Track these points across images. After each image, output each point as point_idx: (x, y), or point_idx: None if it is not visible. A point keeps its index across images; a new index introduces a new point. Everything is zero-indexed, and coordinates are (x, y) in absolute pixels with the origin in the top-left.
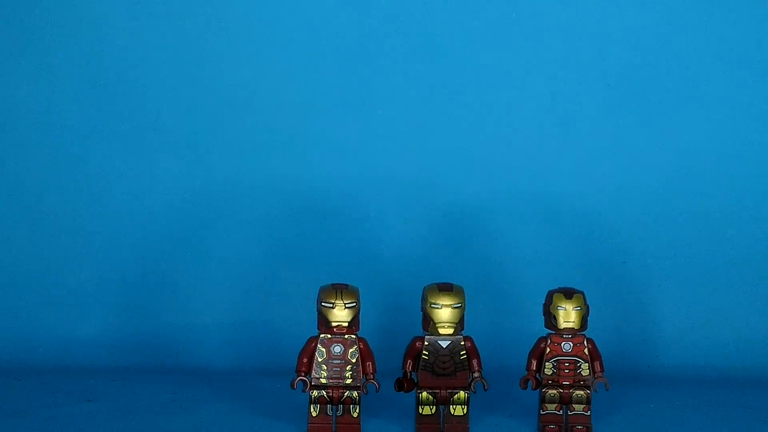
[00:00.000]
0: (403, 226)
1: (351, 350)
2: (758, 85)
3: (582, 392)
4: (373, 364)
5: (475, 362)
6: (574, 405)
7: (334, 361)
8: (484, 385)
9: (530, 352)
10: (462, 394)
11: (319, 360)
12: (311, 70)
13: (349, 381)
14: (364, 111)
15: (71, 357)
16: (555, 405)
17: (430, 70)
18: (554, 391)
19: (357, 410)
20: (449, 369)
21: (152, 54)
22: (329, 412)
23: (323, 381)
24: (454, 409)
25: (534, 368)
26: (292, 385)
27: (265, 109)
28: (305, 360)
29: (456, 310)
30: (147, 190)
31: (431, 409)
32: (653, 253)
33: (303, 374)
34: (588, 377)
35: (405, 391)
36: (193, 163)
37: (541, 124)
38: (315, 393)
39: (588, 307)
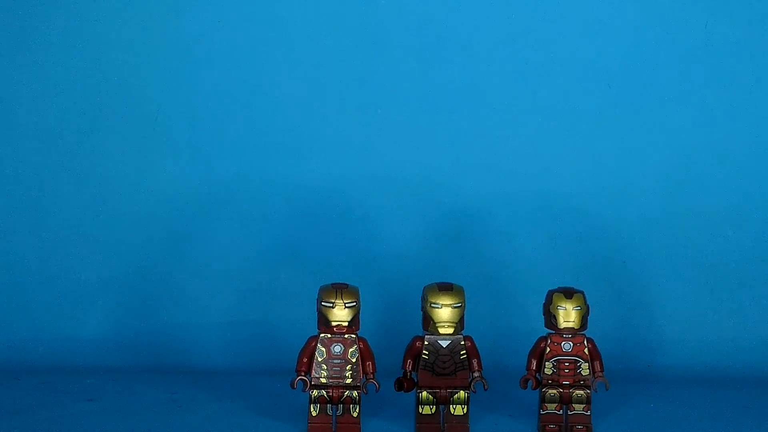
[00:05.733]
0: (403, 225)
1: (351, 350)
2: (758, 84)
3: (582, 392)
4: (373, 363)
5: (475, 362)
6: (574, 405)
7: (334, 361)
8: (484, 384)
9: (530, 352)
10: (462, 393)
11: (319, 359)
12: (311, 70)
13: (349, 380)
14: (364, 111)
15: (71, 357)
16: (555, 405)
17: (430, 69)
18: (554, 391)
19: (357, 410)
20: (449, 369)
21: (153, 54)
22: (329, 412)
23: (323, 380)
24: (454, 409)
25: (534, 368)
26: (292, 385)
27: (265, 109)
28: (305, 359)
29: (456, 309)
30: (147, 190)
31: (431, 409)
32: (653, 253)
33: (303, 374)
34: (588, 377)
35: (405, 391)
36: (193, 163)
37: (541, 124)
38: (315, 392)
39: (588, 307)
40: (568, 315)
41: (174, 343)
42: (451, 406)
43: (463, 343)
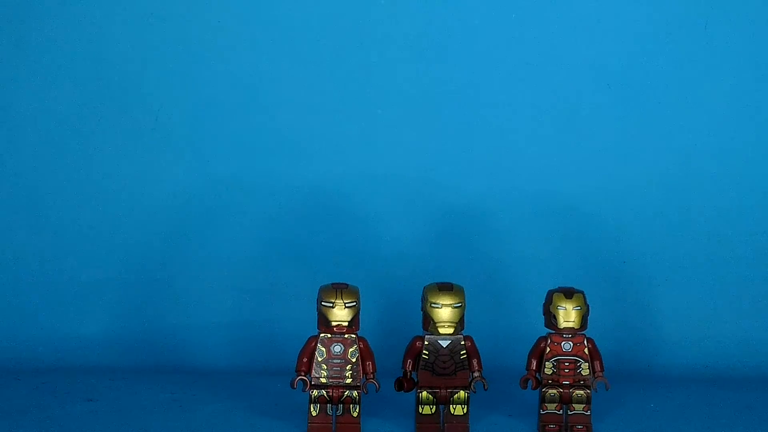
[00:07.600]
0: (403, 225)
1: (351, 350)
2: (758, 85)
3: (582, 392)
4: (373, 363)
5: (475, 362)
6: (574, 405)
7: (334, 361)
8: (484, 384)
9: (530, 352)
10: (462, 393)
11: (319, 359)
12: (311, 70)
13: (349, 380)
14: (364, 111)
15: (71, 357)
16: (555, 405)
17: (429, 69)
18: (554, 391)
19: (357, 410)
20: (449, 368)
21: (153, 54)
22: (329, 412)
23: (323, 380)
24: (454, 409)
25: (534, 368)
26: (292, 385)
27: (265, 109)
28: (305, 359)
29: (456, 309)
30: (147, 190)
31: (431, 409)
32: (653, 253)
33: (303, 374)
34: (588, 377)
35: (405, 391)
36: (193, 163)
37: (541, 124)
38: (315, 392)
39: (588, 307)
40: (568, 315)
41: (174, 343)
42: (451, 406)
43: (463, 343)
